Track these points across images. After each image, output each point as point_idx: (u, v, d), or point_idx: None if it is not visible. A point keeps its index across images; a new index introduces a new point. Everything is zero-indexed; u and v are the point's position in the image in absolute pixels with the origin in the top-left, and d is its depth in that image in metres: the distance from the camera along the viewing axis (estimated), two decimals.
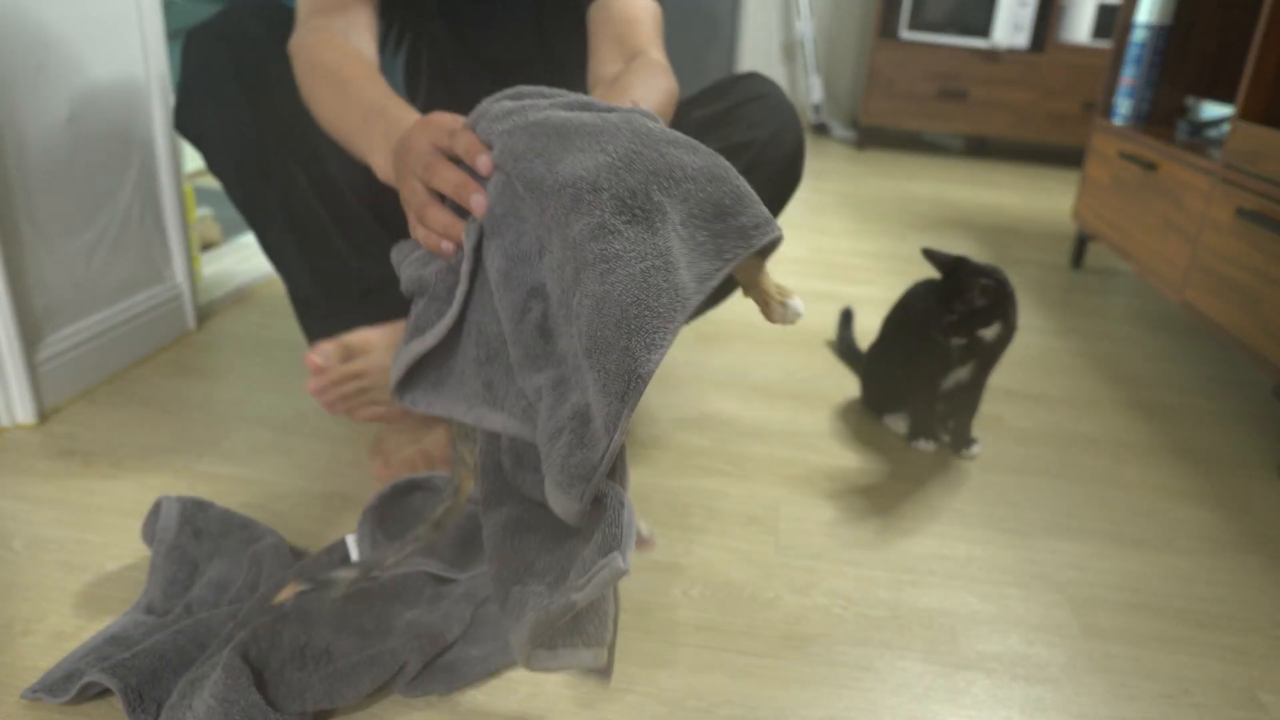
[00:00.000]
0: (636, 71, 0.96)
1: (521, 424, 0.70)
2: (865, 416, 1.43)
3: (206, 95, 1.02)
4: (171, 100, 1.45)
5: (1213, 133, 1.93)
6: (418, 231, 0.77)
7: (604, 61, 1.04)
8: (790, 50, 4.40)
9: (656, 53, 1.04)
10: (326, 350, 1.00)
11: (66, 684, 0.77)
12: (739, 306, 1.84)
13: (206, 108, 1.02)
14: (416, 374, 0.77)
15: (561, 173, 0.67)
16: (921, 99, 3.75)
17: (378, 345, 1.04)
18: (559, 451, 0.64)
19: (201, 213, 1.90)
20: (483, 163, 0.73)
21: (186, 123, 1.04)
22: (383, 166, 0.85)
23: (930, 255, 1.25)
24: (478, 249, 0.73)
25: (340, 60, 0.94)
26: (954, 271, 1.22)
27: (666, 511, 1.13)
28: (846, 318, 1.69)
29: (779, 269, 2.15)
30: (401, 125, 0.85)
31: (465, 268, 0.73)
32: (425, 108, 1.22)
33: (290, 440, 1.24)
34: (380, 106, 0.88)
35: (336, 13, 1.00)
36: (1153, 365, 1.72)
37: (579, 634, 0.63)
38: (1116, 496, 1.24)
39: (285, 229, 1.05)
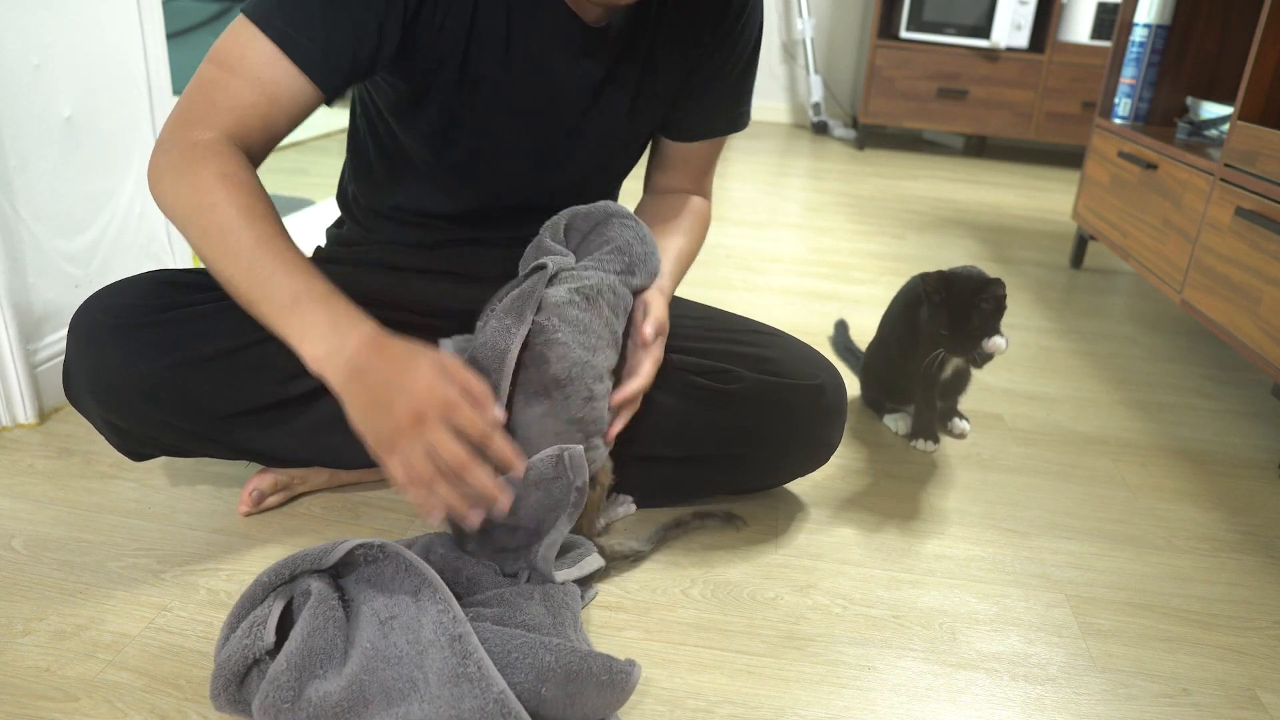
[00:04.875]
0: (688, 226, 1.13)
1: None
2: (865, 416, 1.43)
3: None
4: (170, 98, 1.45)
5: (1212, 133, 1.93)
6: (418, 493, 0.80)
7: (670, 179, 1.16)
8: (790, 50, 4.40)
9: (709, 181, 1.18)
10: (260, 487, 1.07)
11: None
12: (740, 303, 1.84)
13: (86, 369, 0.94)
14: None
15: None
16: (921, 99, 3.75)
17: (306, 479, 1.10)
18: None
19: None
20: (505, 501, 0.83)
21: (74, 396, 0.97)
22: (320, 359, 0.80)
23: (925, 279, 1.24)
24: None
25: (246, 219, 0.82)
26: (949, 291, 1.22)
27: (668, 511, 1.13)
28: (841, 328, 1.69)
29: (779, 267, 2.15)
30: (358, 331, 0.81)
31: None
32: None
33: None
34: (320, 291, 0.82)
35: (216, 133, 0.86)
36: (1153, 365, 1.72)
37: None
38: (1116, 496, 1.24)
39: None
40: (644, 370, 0.96)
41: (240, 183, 0.84)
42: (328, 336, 0.80)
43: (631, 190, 1.21)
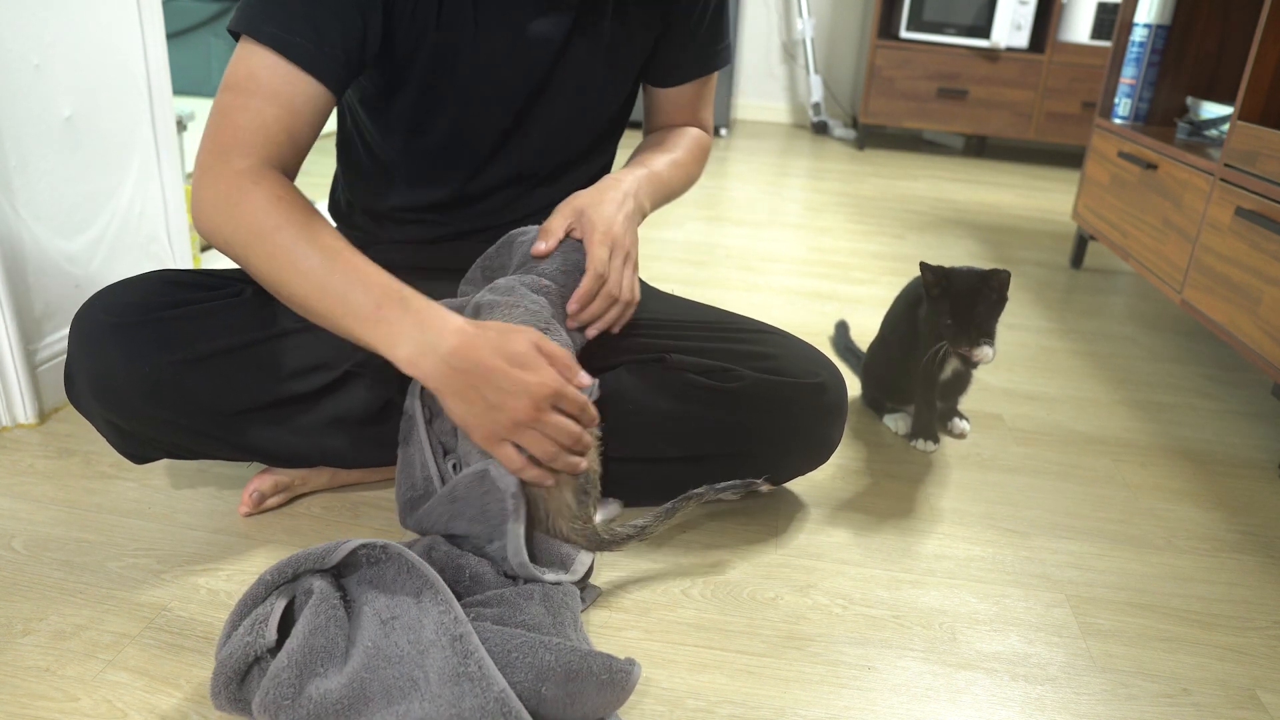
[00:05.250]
0: (679, 144, 1.15)
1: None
2: (865, 416, 1.43)
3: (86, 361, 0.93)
4: (170, 98, 1.45)
5: (1212, 133, 1.93)
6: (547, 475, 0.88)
7: (663, 119, 1.20)
8: (790, 50, 4.40)
9: (706, 113, 1.20)
10: (261, 488, 1.06)
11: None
12: (740, 303, 1.84)
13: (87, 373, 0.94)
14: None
15: None
16: (921, 99, 3.75)
17: (307, 480, 1.10)
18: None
19: None
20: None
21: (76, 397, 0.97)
22: (414, 363, 0.83)
23: (925, 269, 1.24)
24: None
25: (308, 235, 0.85)
26: (950, 282, 1.22)
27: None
28: (841, 328, 1.69)
29: (779, 267, 2.15)
30: (446, 329, 0.83)
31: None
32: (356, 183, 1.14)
33: None
34: (397, 295, 0.84)
35: (259, 161, 0.87)
36: (1153, 365, 1.72)
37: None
38: (1116, 496, 1.24)
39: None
40: (590, 262, 0.96)
41: (292, 203, 0.86)
42: (417, 339, 0.83)
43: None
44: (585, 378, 0.89)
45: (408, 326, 0.83)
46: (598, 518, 0.99)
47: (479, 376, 0.82)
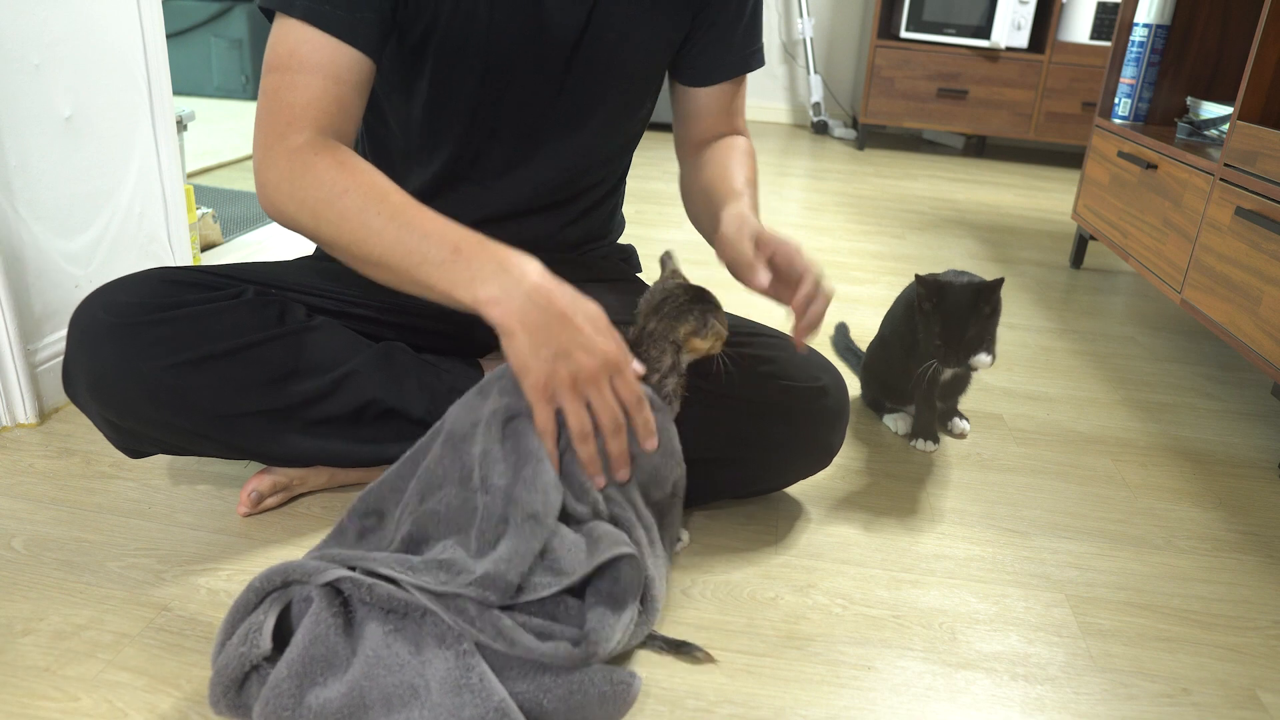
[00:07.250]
0: (736, 158, 1.15)
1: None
2: (865, 416, 1.43)
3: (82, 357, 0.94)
4: (170, 98, 1.45)
5: (1212, 133, 1.93)
6: (585, 454, 0.85)
7: (700, 127, 1.17)
8: (790, 50, 4.40)
9: (741, 121, 1.18)
10: (259, 489, 1.06)
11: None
12: (740, 303, 1.83)
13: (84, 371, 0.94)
14: None
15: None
16: (921, 99, 3.75)
17: (306, 480, 1.10)
18: None
19: (201, 212, 1.90)
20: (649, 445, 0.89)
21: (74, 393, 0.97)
22: (494, 300, 0.80)
23: (920, 283, 1.22)
24: None
25: (377, 195, 0.85)
26: (942, 299, 1.20)
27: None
28: (841, 329, 1.69)
29: None
30: (527, 270, 0.81)
31: None
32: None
33: None
34: (475, 238, 0.83)
35: (319, 135, 0.88)
36: (1153, 365, 1.72)
37: None
38: (1116, 496, 1.24)
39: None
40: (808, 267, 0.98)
41: (357, 166, 0.86)
42: (498, 276, 0.80)
43: (640, 217, 1.21)
44: (639, 366, 0.88)
45: (489, 266, 0.81)
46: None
47: (556, 321, 0.80)
